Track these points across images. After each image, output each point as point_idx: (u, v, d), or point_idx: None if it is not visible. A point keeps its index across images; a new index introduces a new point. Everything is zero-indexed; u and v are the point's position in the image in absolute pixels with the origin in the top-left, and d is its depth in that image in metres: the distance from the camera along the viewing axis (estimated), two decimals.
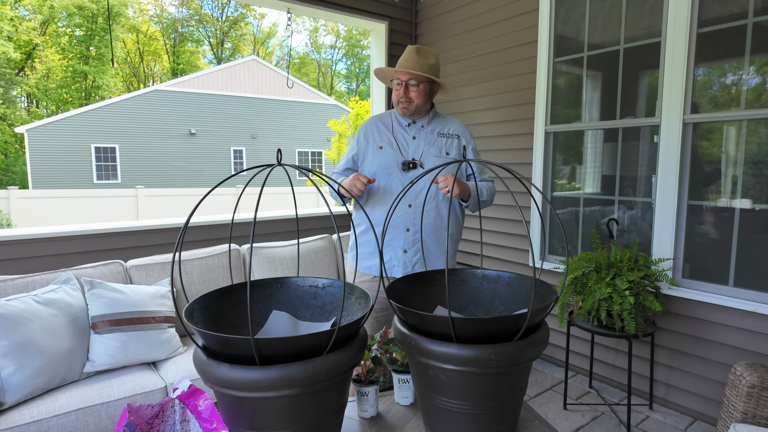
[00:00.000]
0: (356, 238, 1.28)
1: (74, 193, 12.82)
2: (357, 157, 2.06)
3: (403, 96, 1.93)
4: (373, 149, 2.01)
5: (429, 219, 1.95)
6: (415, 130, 2.01)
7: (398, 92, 1.95)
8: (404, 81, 1.92)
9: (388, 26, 3.81)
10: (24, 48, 21.35)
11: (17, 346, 1.88)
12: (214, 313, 1.13)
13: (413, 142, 1.99)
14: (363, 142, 2.04)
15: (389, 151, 1.98)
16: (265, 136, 18.28)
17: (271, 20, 33.79)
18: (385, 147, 1.99)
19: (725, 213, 2.41)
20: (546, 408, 2.66)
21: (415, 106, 1.95)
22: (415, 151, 1.98)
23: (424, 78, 1.92)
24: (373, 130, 2.05)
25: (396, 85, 1.96)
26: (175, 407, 1.09)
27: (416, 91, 1.93)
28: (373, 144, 2.01)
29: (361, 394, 1.29)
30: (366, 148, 2.03)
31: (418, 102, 1.94)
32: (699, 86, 2.46)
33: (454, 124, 2.05)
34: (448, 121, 2.06)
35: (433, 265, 1.97)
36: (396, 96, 1.97)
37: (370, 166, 2.00)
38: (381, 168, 1.97)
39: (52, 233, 2.56)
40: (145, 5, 25.96)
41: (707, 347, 2.47)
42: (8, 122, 20.13)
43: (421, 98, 1.94)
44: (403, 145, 1.99)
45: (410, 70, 1.90)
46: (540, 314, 1.06)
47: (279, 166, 0.98)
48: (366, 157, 2.02)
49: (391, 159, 1.97)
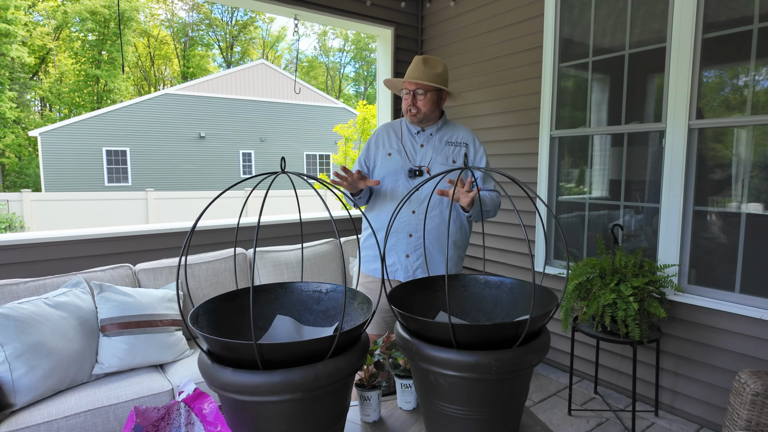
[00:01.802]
0: (359, 242, 1.30)
1: (85, 195, 12.98)
2: (368, 161, 2.12)
3: (412, 105, 2.00)
4: (382, 155, 2.07)
5: (432, 225, 1.98)
6: (423, 138, 2.06)
7: (407, 101, 2.01)
8: (412, 90, 1.98)
9: (394, 32, 3.83)
10: (38, 53, 21.71)
11: (28, 348, 1.92)
12: (219, 318, 1.15)
13: (421, 150, 2.04)
14: (374, 147, 2.11)
15: (397, 158, 2.03)
16: (273, 139, 18.40)
17: (280, 24, 34.02)
18: (393, 154, 2.05)
19: (731, 218, 2.40)
20: (550, 413, 2.66)
21: (423, 114, 2.00)
22: (422, 158, 2.02)
23: (431, 87, 1.97)
24: (384, 136, 2.11)
25: (405, 95, 2.02)
26: (180, 410, 1.11)
27: (423, 100, 1.98)
28: (383, 150, 2.08)
29: (363, 399, 1.31)
30: (376, 153, 2.10)
31: (426, 110, 2.00)
32: (704, 92, 2.45)
33: (463, 132, 2.08)
34: (457, 129, 2.09)
35: (435, 271, 1.99)
36: (405, 105, 2.03)
37: (379, 172, 2.06)
38: (389, 174, 2.03)
39: (63, 237, 2.61)
40: (156, 10, 26.28)
41: (713, 354, 2.45)
42: (22, 126, 20.45)
43: (428, 107, 1.99)
44: (410, 153, 2.04)
45: (417, 80, 1.95)
46: (541, 321, 1.07)
47: (283, 173, 1.00)
48: (376, 163, 2.09)
49: (398, 165, 2.02)
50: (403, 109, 2.05)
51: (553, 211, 3.19)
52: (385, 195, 2.04)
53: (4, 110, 18.27)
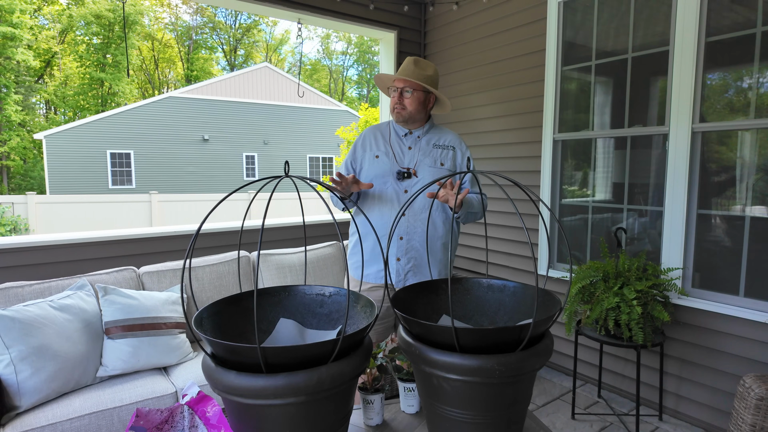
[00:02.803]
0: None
1: (90, 198, 13.04)
2: (354, 164, 2.12)
3: (398, 103, 2.00)
4: (369, 158, 2.07)
5: (422, 228, 1.99)
6: (411, 141, 2.06)
7: (394, 99, 2.02)
8: (400, 88, 1.99)
9: (397, 35, 3.85)
10: (43, 56, 21.86)
11: (33, 350, 1.93)
12: (223, 321, 1.16)
13: (409, 152, 2.04)
14: (360, 150, 2.11)
15: (385, 160, 2.03)
16: (277, 142, 18.45)
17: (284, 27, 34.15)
18: (381, 156, 2.05)
19: (735, 222, 2.39)
20: (554, 417, 2.65)
21: (408, 113, 2.00)
22: (410, 161, 2.03)
23: (419, 86, 1.98)
24: (370, 139, 2.11)
25: (393, 93, 2.03)
26: (184, 413, 1.12)
27: (410, 99, 1.99)
28: (370, 153, 2.08)
29: (366, 402, 1.31)
30: (363, 156, 2.10)
31: (411, 109, 2.00)
32: (708, 95, 2.45)
33: (450, 136, 2.10)
34: (444, 132, 2.11)
35: (426, 273, 2.00)
36: (392, 103, 2.04)
37: (367, 174, 2.06)
38: (377, 176, 2.03)
39: (68, 240, 2.63)
40: (160, 13, 26.43)
41: (717, 358, 2.44)
42: (27, 128, 20.57)
43: (414, 106, 2.00)
44: (398, 155, 2.04)
45: (406, 77, 1.96)
46: (543, 325, 1.07)
47: (287, 177, 1.01)
48: (363, 165, 2.09)
49: (386, 168, 2.02)
50: (390, 107, 2.06)
51: (557, 214, 3.19)
52: (373, 198, 2.04)
53: (10, 113, 18.40)
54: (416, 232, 1.99)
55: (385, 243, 1.99)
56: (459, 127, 3.78)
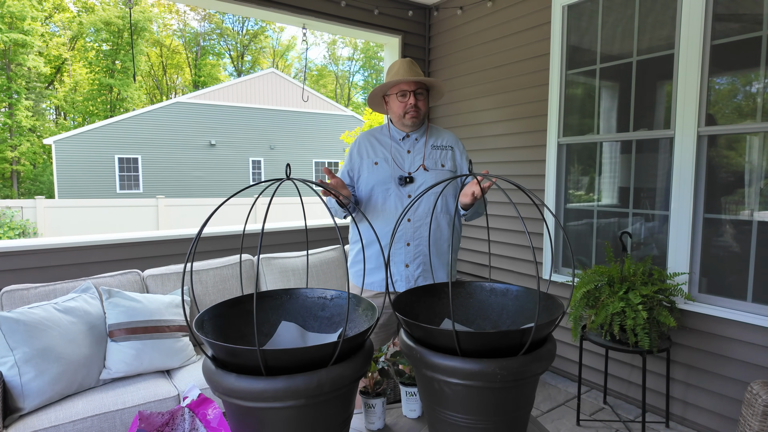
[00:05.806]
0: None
1: (98, 202, 13.15)
2: (352, 173, 2.04)
3: (413, 106, 1.93)
4: (368, 165, 2.00)
5: (428, 232, 1.97)
6: (409, 144, 2.01)
7: (404, 103, 1.93)
8: (411, 91, 1.93)
9: (402, 40, 3.86)
10: (54, 62, 22.14)
11: (37, 352, 1.94)
12: (224, 324, 1.16)
13: (408, 156, 1.99)
14: (357, 158, 2.03)
15: (385, 167, 1.97)
16: (283, 147, 18.54)
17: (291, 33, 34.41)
18: (380, 162, 1.98)
19: (743, 226, 2.36)
20: (558, 423, 2.62)
21: (423, 114, 1.98)
22: (410, 164, 1.98)
23: (429, 85, 1.97)
24: (366, 145, 2.04)
25: (400, 97, 1.94)
26: (184, 416, 1.12)
27: (423, 100, 1.96)
28: (368, 160, 2.00)
29: (368, 406, 1.30)
30: (360, 164, 2.02)
31: (425, 110, 1.98)
32: (714, 98, 2.43)
33: (447, 136, 2.07)
34: (441, 133, 2.07)
35: (434, 277, 1.98)
36: (402, 108, 1.94)
37: (367, 182, 1.99)
38: (378, 184, 1.96)
39: (74, 243, 2.64)
40: (168, 20, 26.71)
41: (725, 364, 2.41)
42: (37, 134, 20.82)
43: (426, 106, 1.99)
44: (398, 160, 1.98)
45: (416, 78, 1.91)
46: (546, 329, 1.06)
47: (288, 180, 1.01)
48: (362, 173, 2.01)
49: (387, 174, 1.96)
50: (399, 112, 1.95)
51: (561, 218, 3.17)
52: (375, 205, 1.97)
53: (21, 119, 18.64)
54: (423, 237, 1.94)
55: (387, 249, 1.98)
56: (463, 130, 3.78)
